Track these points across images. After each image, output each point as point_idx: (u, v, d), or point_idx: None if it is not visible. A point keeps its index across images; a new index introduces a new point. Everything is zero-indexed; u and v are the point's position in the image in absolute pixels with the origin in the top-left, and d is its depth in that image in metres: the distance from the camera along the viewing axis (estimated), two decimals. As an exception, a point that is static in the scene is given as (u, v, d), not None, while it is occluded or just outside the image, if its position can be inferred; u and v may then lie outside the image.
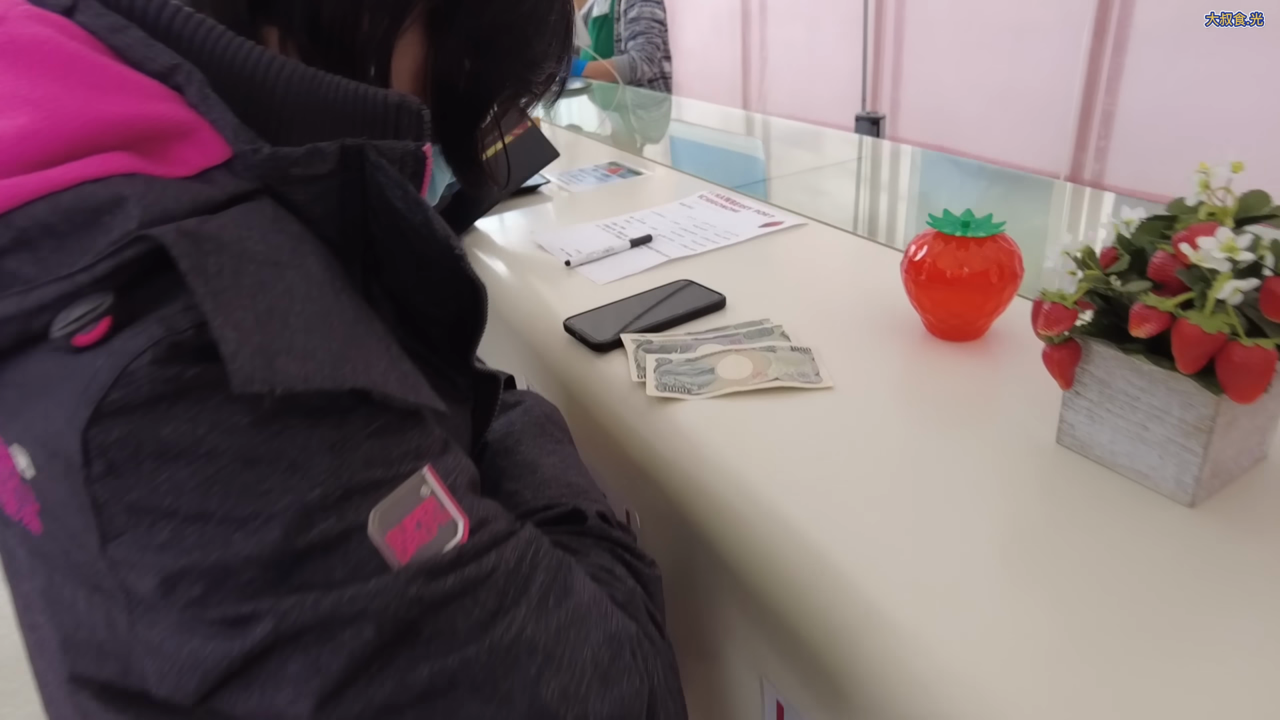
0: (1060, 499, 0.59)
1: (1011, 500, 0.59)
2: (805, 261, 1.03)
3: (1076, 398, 0.60)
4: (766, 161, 1.79)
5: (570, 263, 1.07)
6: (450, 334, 0.49)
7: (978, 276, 0.74)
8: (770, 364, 0.77)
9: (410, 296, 0.47)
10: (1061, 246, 0.58)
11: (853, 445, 0.67)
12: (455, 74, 0.49)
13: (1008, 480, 0.61)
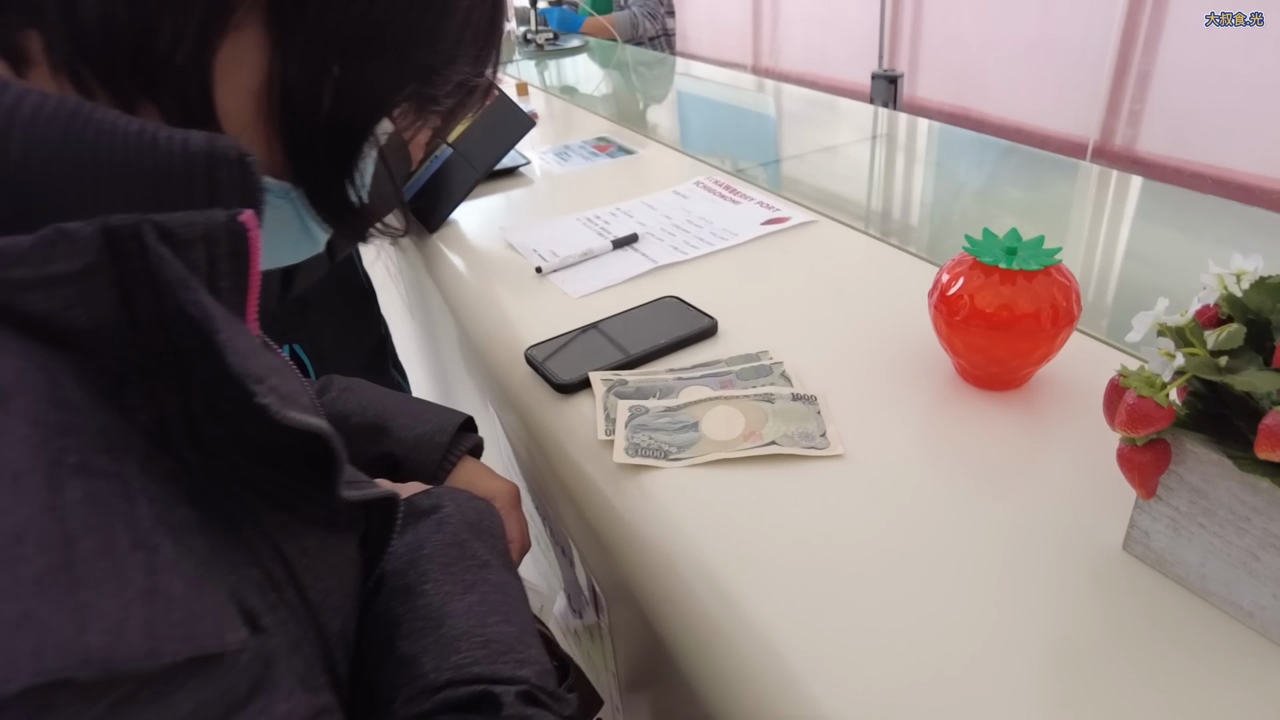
0: (1124, 625, 0.45)
1: (1058, 620, 0.45)
2: (814, 272, 0.88)
3: (1158, 502, 0.47)
4: (777, 136, 1.62)
5: (541, 269, 0.92)
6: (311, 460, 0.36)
7: (1026, 320, 0.59)
8: (767, 420, 0.63)
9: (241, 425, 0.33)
10: (1156, 313, 0.43)
11: (862, 534, 0.53)
12: (314, 91, 0.34)
13: (1056, 591, 0.47)
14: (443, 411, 0.69)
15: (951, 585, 0.49)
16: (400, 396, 0.71)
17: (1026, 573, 0.49)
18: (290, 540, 0.35)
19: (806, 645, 0.47)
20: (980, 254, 0.62)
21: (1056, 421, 0.62)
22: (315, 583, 0.36)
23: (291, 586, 0.35)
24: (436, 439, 0.66)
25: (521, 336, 0.81)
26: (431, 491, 0.50)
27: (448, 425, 0.67)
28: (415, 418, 0.67)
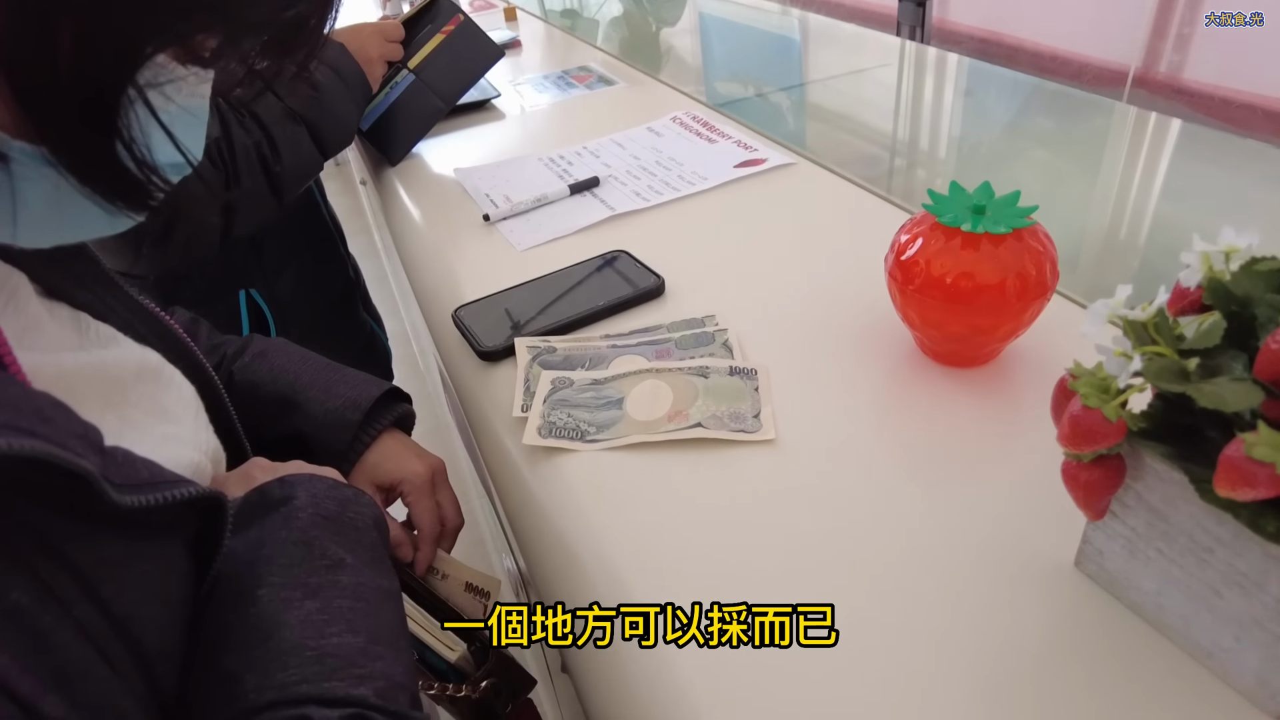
0: (1069, 650, 0.40)
1: (1000, 638, 0.39)
2: (780, 223, 0.80)
3: (1113, 519, 0.40)
4: (801, 63, 1.51)
5: (489, 217, 0.85)
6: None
7: (989, 291, 0.52)
8: (697, 397, 0.57)
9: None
10: (1113, 303, 0.36)
11: (787, 531, 0.47)
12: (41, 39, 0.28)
13: (1000, 605, 0.41)
14: (362, 382, 0.63)
15: (883, 592, 0.43)
16: (320, 364, 0.64)
17: (970, 581, 0.43)
18: (85, 549, 0.31)
19: (712, 664, 0.41)
20: (940, 212, 0.54)
21: (1025, 406, 0.54)
22: (120, 594, 0.32)
23: (87, 601, 0.30)
24: (348, 416, 0.59)
25: (460, 292, 0.75)
26: (286, 480, 0.43)
27: (362, 400, 0.60)
28: (328, 391, 0.61)
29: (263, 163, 0.81)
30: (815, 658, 0.41)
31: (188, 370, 0.48)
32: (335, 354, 1.04)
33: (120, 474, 0.32)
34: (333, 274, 1.10)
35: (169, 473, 0.35)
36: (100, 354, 0.41)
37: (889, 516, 0.48)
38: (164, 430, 0.42)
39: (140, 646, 0.33)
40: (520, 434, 0.57)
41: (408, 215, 0.94)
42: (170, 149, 0.35)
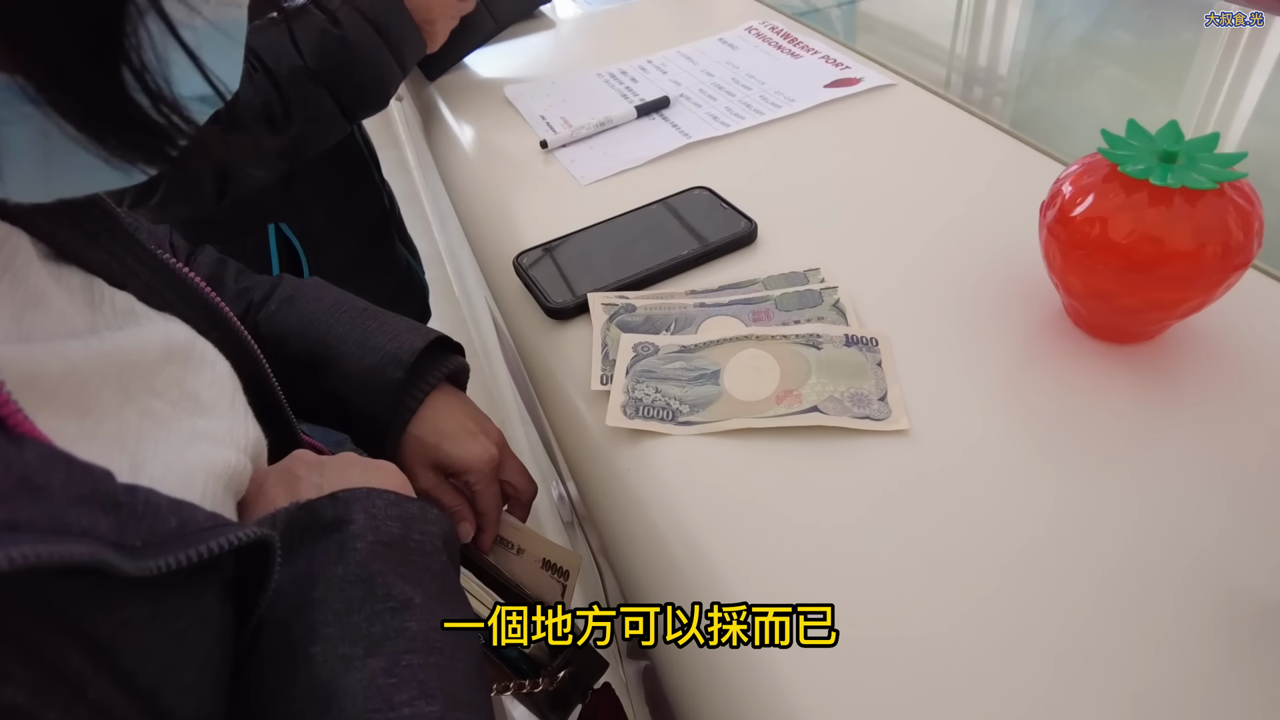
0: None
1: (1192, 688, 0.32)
2: (886, 157, 0.70)
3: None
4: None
5: (548, 144, 0.76)
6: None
7: (1182, 259, 0.42)
8: (810, 373, 0.49)
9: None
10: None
11: (923, 544, 0.40)
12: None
13: (1187, 653, 0.34)
14: (405, 331, 0.54)
15: (1035, 623, 0.36)
16: (355, 310, 0.56)
17: (1156, 617, 0.36)
18: (100, 615, 0.25)
19: (817, 660, 0.35)
20: (1123, 159, 0.44)
21: (1203, 395, 0.46)
22: (145, 663, 0.26)
23: (104, 678, 0.24)
24: (389, 374, 0.51)
25: (517, 234, 0.66)
26: (339, 498, 0.36)
27: (404, 354, 0.52)
28: (364, 344, 0.52)
29: (271, 125, 0.71)
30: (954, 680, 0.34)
31: (222, 341, 0.41)
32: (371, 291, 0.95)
33: (140, 531, 0.25)
34: (367, 203, 1.00)
35: (203, 515, 0.28)
36: (116, 336, 0.34)
37: (1045, 530, 0.40)
38: (194, 425, 0.35)
39: (173, 717, 0.27)
40: (599, 410, 0.50)
41: (454, 142, 0.84)
42: (196, 78, 0.27)
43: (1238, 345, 0.48)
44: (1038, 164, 0.66)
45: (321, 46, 0.72)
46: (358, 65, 0.75)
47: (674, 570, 0.43)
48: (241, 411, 0.39)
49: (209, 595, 0.30)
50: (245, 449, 0.38)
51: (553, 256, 0.61)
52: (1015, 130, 0.70)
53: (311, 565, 0.34)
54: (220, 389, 0.38)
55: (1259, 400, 0.45)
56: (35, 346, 0.29)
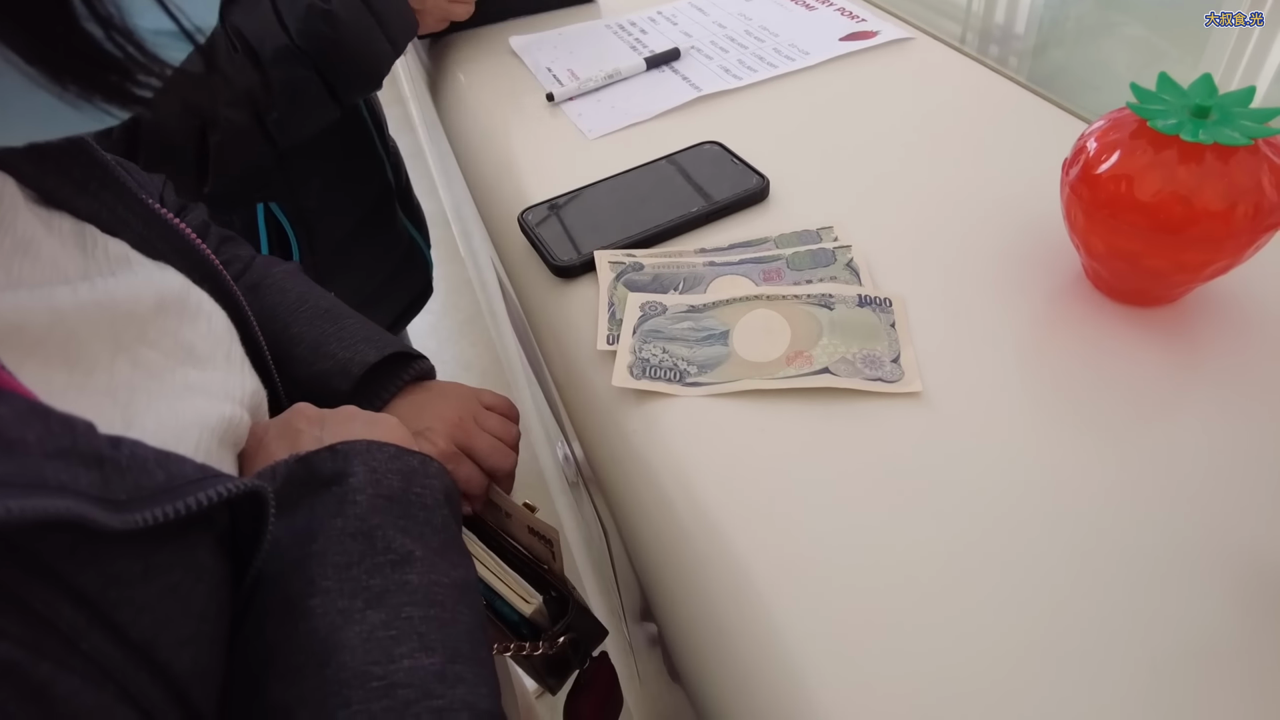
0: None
1: (1198, 650, 0.32)
2: (902, 113, 0.68)
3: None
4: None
5: (554, 97, 0.74)
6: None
7: (1212, 220, 0.41)
8: (821, 333, 0.48)
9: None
10: None
11: (937, 509, 0.39)
12: None
13: (1200, 617, 0.33)
14: (360, 341, 0.52)
15: (1051, 591, 0.35)
16: (317, 309, 0.53)
17: (1166, 579, 0.35)
18: (90, 570, 0.24)
19: (845, 671, 0.34)
20: (1153, 114, 0.43)
21: (1226, 361, 0.44)
22: (138, 616, 0.25)
23: (97, 631, 0.24)
24: (336, 385, 0.49)
25: (522, 189, 0.65)
26: (339, 450, 0.35)
27: (354, 367, 0.50)
28: (318, 349, 0.51)
29: (253, 110, 0.66)
30: (967, 651, 0.33)
31: (214, 294, 0.40)
32: (369, 267, 0.92)
33: (126, 484, 0.24)
34: (367, 174, 0.92)
35: (190, 467, 0.28)
36: (109, 284, 0.32)
37: (1062, 497, 0.39)
38: (187, 377, 0.34)
39: (169, 672, 0.26)
40: (605, 370, 0.49)
41: (458, 96, 0.82)
42: (156, 10, 0.25)
43: (1263, 309, 0.47)
44: (1059, 121, 0.64)
45: (308, 24, 0.67)
46: (347, 43, 0.69)
47: (680, 533, 0.42)
48: (238, 364, 0.38)
49: (201, 548, 0.29)
50: (242, 401, 0.37)
51: (559, 213, 0.60)
52: (1048, 95, 0.68)
53: (310, 519, 0.33)
54: (216, 341, 0.38)
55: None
56: (22, 294, 0.28)
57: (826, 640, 0.36)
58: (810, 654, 0.35)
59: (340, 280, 0.85)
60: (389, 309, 0.99)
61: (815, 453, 0.43)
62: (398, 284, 0.98)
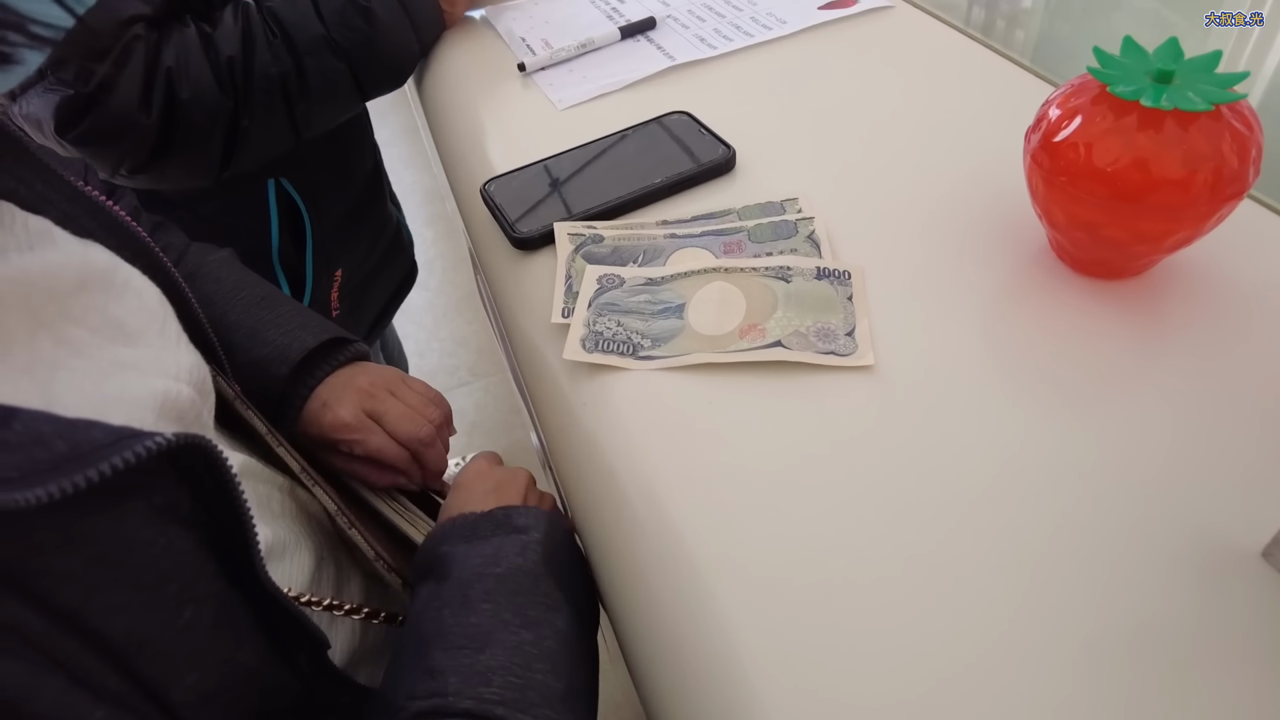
0: (1239, 659, 0.31)
1: (1154, 634, 0.31)
2: (878, 83, 0.66)
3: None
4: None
5: (525, 66, 0.73)
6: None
7: (1171, 187, 0.40)
8: (776, 306, 0.47)
9: None
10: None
11: (885, 482, 0.38)
12: None
13: (1151, 598, 0.32)
14: (298, 328, 0.52)
15: (1005, 567, 0.35)
16: (253, 298, 0.53)
17: (1117, 559, 0.35)
18: (3, 541, 0.24)
19: (785, 648, 0.34)
20: (1113, 79, 0.41)
21: (1190, 337, 0.43)
22: (60, 585, 0.25)
23: (16, 602, 0.24)
24: (275, 371, 0.49)
25: (489, 160, 0.64)
26: (530, 511, 0.44)
27: (292, 352, 0.50)
28: (256, 335, 0.50)
29: (286, 97, 0.66)
30: (912, 634, 0.33)
31: (148, 271, 0.39)
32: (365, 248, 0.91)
33: (17, 459, 0.24)
34: (361, 160, 0.91)
35: (101, 430, 0.27)
36: (25, 259, 0.31)
37: (1015, 472, 0.38)
38: (117, 354, 0.33)
39: (99, 638, 0.26)
40: (558, 343, 0.48)
41: (432, 64, 0.81)
42: None
43: (1229, 283, 0.46)
44: (1039, 92, 0.62)
45: (345, 17, 0.67)
46: (380, 39, 0.70)
47: (626, 510, 0.41)
48: (174, 339, 0.38)
49: (132, 517, 0.28)
50: (181, 376, 0.36)
51: (521, 185, 0.59)
52: (1032, 62, 0.66)
53: (498, 550, 0.41)
54: (149, 316, 0.37)
55: (1249, 342, 0.42)
56: None
57: (764, 609, 0.35)
58: (746, 624, 0.35)
59: (344, 258, 0.86)
60: (384, 286, 0.98)
61: (765, 427, 0.42)
62: (390, 265, 0.97)
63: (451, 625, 0.38)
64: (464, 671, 0.36)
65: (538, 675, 0.37)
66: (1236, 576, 0.34)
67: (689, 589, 0.37)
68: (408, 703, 0.35)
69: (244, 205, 0.77)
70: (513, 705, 0.35)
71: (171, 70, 0.60)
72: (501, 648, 0.37)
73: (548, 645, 0.38)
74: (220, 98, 0.63)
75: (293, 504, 0.44)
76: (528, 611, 0.39)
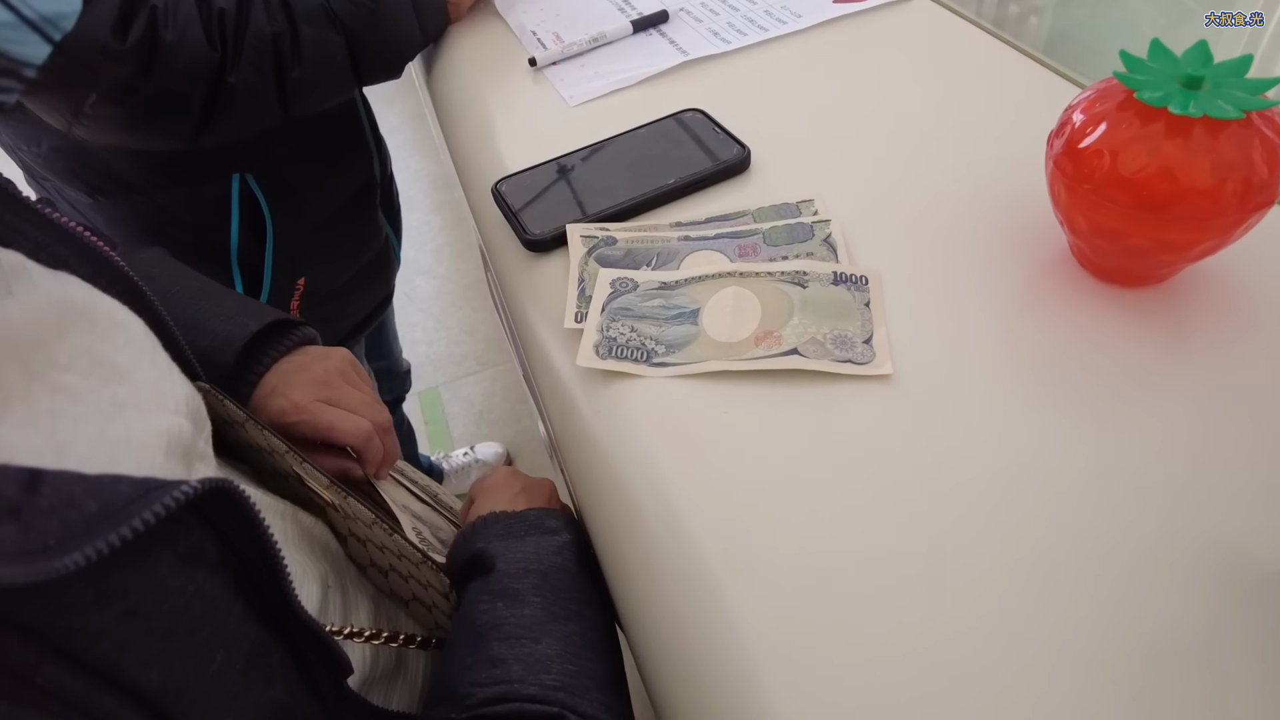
0: (1263, 684, 0.30)
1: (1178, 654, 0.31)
2: (895, 81, 0.65)
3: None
4: None
5: (536, 61, 0.72)
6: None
7: (1198, 197, 0.39)
8: (792, 313, 0.46)
9: None
10: None
11: (903, 497, 0.38)
12: None
13: (1177, 618, 0.32)
14: (239, 314, 0.50)
15: (1027, 585, 0.34)
16: (190, 290, 0.51)
17: (1142, 578, 0.34)
18: (33, 604, 0.24)
19: (801, 656, 0.33)
20: (1141, 85, 0.40)
21: (1214, 346, 0.43)
22: (94, 643, 0.25)
23: (51, 663, 0.24)
24: (220, 359, 0.48)
25: (501, 158, 0.63)
26: (559, 515, 0.47)
27: (235, 339, 0.49)
28: (197, 327, 0.49)
29: (277, 61, 0.64)
30: (926, 641, 0.32)
31: (123, 297, 0.37)
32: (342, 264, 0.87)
33: (51, 528, 0.23)
34: (352, 168, 0.86)
35: (128, 485, 0.26)
36: (7, 306, 0.29)
37: (1033, 482, 0.38)
38: (113, 393, 0.32)
39: (137, 691, 0.26)
40: (572, 349, 0.48)
41: (441, 59, 0.80)
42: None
43: (1254, 292, 0.45)
44: (1060, 91, 0.61)
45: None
46: (382, 19, 0.68)
47: (640, 520, 0.41)
48: (165, 370, 0.36)
49: (161, 566, 0.28)
50: (177, 409, 0.35)
51: (533, 183, 0.58)
52: (1044, 54, 0.65)
53: (538, 548, 0.44)
54: (138, 350, 0.35)
55: (1273, 353, 0.42)
56: None
57: (781, 624, 0.35)
58: (763, 639, 0.35)
59: (311, 267, 0.83)
60: (355, 309, 0.95)
61: (778, 436, 0.42)
62: (368, 283, 0.94)
63: (506, 617, 0.40)
64: (525, 660, 0.38)
65: (588, 663, 0.40)
66: (1258, 590, 0.33)
67: (703, 595, 0.37)
68: (473, 690, 0.37)
69: (204, 200, 0.74)
70: (571, 690, 0.38)
71: (157, 9, 0.58)
72: (555, 638, 0.40)
73: (590, 637, 0.41)
74: (206, 48, 0.61)
75: (296, 530, 0.43)
76: (570, 606, 0.42)
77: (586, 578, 0.44)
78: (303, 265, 0.82)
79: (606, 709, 0.38)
